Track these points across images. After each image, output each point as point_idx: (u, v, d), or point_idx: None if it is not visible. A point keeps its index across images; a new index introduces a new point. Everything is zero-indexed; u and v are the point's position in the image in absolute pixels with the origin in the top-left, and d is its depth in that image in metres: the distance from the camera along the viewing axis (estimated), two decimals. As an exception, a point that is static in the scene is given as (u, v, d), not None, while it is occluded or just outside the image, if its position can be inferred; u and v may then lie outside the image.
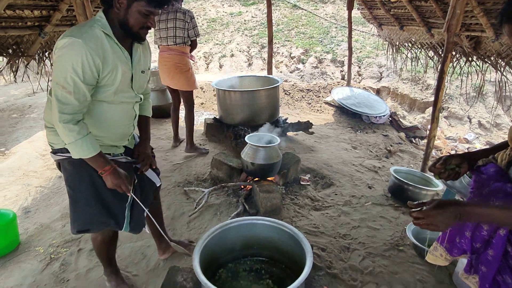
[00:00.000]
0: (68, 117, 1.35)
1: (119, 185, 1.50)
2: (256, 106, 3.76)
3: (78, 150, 1.39)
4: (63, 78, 1.32)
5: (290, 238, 1.81)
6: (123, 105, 1.55)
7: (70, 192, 1.58)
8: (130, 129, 1.67)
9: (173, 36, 3.24)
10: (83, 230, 1.63)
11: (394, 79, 7.08)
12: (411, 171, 3.11)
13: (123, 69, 1.46)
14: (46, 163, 3.63)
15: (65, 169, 1.56)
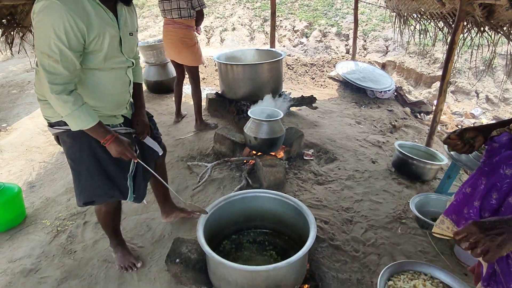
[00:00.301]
0: (59, 87, 1.28)
1: (123, 153, 1.47)
2: (258, 80, 3.68)
3: (76, 121, 1.34)
4: (47, 46, 1.23)
5: (294, 210, 1.82)
6: (115, 71, 1.49)
7: (71, 164, 1.57)
8: (126, 97, 1.61)
9: (177, 9, 3.10)
10: (89, 202, 1.64)
11: (400, 53, 6.88)
12: (416, 145, 3.07)
13: (110, 32, 1.37)
14: (48, 139, 3.62)
15: (64, 142, 1.53)
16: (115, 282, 1.86)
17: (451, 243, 2.15)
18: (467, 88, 5.85)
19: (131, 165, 1.63)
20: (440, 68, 6.31)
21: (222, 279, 1.51)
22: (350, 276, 1.90)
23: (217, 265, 1.50)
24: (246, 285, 1.45)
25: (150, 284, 1.83)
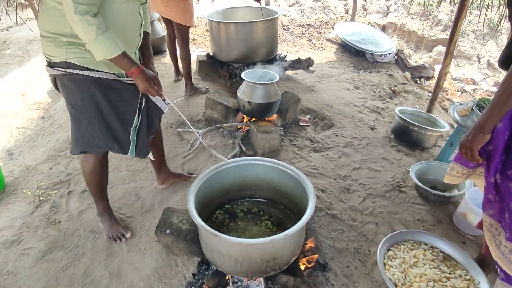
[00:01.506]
0: (83, 7, 1.20)
1: (151, 87, 1.43)
2: (252, 41, 3.41)
3: (101, 48, 1.26)
4: None
5: (291, 179, 1.71)
6: (129, 5, 1.41)
7: (71, 111, 1.49)
8: (136, 39, 1.52)
9: None
10: (85, 152, 1.58)
11: (402, 14, 6.52)
12: (417, 111, 2.94)
13: None
14: (27, 103, 3.38)
15: (65, 87, 1.43)
16: (103, 253, 1.78)
17: (450, 212, 2.11)
18: (469, 52, 5.63)
19: (135, 119, 1.57)
20: (442, 31, 6.03)
21: (215, 251, 1.43)
22: (347, 245, 1.85)
23: (209, 237, 1.41)
24: (241, 257, 1.37)
25: (140, 255, 1.76)
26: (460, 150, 1.27)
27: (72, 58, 1.36)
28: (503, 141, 1.17)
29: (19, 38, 4.74)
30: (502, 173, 1.19)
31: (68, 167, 2.43)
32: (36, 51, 4.34)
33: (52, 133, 2.89)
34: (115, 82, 1.47)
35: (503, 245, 1.19)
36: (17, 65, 4.01)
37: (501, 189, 1.20)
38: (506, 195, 1.17)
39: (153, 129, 1.76)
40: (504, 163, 1.19)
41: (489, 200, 1.25)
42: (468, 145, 1.21)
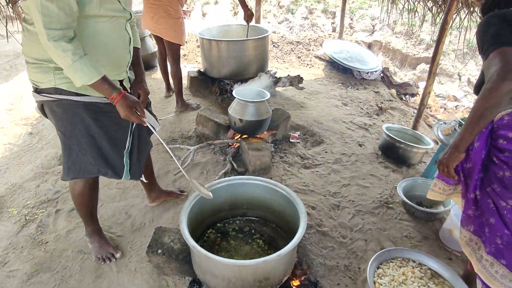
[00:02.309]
0: (57, 33, 1.15)
1: (132, 113, 1.36)
2: (243, 58, 3.49)
3: (78, 74, 1.21)
4: None
5: (283, 198, 1.73)
6: (113, 23, 1.36)
7: (62, 137, 1.45)
8: (126, 57, 1.47)
9: None
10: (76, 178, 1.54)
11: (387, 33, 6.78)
12: (403, 128, 3.04)
13: None
14: (14, 118, 3.32)
15: (54, 113, 1.39)
16: (92, 275, 1.74)
17: (437, 228, 2.17)
18: (450, 70, 5.88)
19: (127, 141, 1.54)
20: (425, 50, 6.29)
21: (207, 272, 1.43)
22: (337, 262, 1.87)
23: (203, 258, 1.41)
24: (234, 278, 1.37)
25: (130, 276, 1.73)
26: (438, 167, 1.36)
27: (61, 84, 1.32)
28: (480, 159, 1.25)
29: (6, 51, 4.69)
30: (482, 189, 1.26)
31: (56, 185, 2.39)
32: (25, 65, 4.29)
33: (40, 149, 2.85)
34: (106, 105, 1.42)
35: (484, 259, 1.24)
36: (4, 79, 3.96)
37: (481, 205, 1.26)
38: (485, 210, 1.24)
39: (148, 149, 1.76)
40: (483, 181, 1.26)
41: (469, 216, 1.32)
42: (445, 162, 1.30)
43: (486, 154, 1.26)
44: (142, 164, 1.69)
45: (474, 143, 1.27)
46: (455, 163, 1.30)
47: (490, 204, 1.22)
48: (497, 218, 1.20)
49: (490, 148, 1.26)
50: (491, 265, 1.22)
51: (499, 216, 1.19)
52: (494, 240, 1.20)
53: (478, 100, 1.14)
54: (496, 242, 1.19)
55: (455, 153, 1.27)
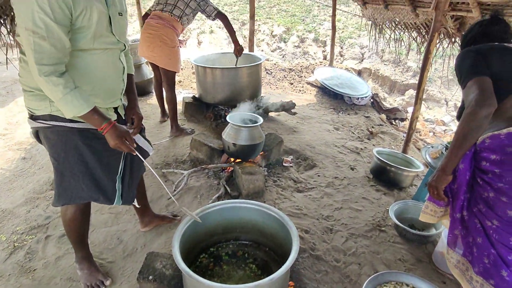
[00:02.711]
0: (48, 68, 1.18)
1: (122, 143, 1.37)
2: (237, 85, 3.60)
3: (69, 107, 1.24)
4: (31, 21, 1.13)
5: (275, 221, 1.75)
6: (107, 54, 1.39)
7: (54, 164, 1.45)
8: (120, 85, 1.51)
9: (172, 5, 2.95)
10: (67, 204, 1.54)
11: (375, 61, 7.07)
12: (393, 152, 3.11)
13: (98, 7, 1.27)
14: (7, 143, 3.32)
15: (48, 139, 1.41)
16: (80, 303, 1.70)
17: (430, 251, 2.17)
18: (437, 96, 6.10)
19: (120, 166, 1.55)
20: (412, 76, 6.54)
21: (199, 298, 1.40)
22: (331, 287, 1.85)
23: (194, 284, 1.39)
24: (226, 304, 1.35)
25: (119, 304, 1.69)
26: (428, 190, 1.41)
27: (56, 111, 1.34)
28: (465, 180, 1.30)
29: (4, 77, 4.76)
30: (469, 210, 1.30)
31: (47, 210, 2.36)
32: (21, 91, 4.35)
33: (33, 174, 2.83)
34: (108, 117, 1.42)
35: (474, 280, 1.26)
36: (0, 105, 4.00)
37: (468, 225, 1.30)
38: (473, 230, 1.27)
39: (141, 173, 1.77)
40: (470, 201, 1.30)
41: (455, 236, 1.35)
42: (434, 185, 1.36)
43: (471, 176, 1.31)
44: (134, 189, 1.69)
45: (459, 164, 1.33)
46: (443, 185, 1.35)
47: (477, 224, 1.26)
48: (484, 237, 1.23)
49: (474, 169, 1.32)
50: (481, 286, 1.23)
51: (486, 236, 1.23)
52: (482, 259, 1.22)
53: (460, 125, 1.22)
54: (484, 262, 1.21)
55: (443, 175, 1.32)
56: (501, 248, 1.19)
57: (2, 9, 2.52)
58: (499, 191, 1.21)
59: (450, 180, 1.34)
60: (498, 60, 1.28)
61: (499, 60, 1.29)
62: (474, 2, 2.77)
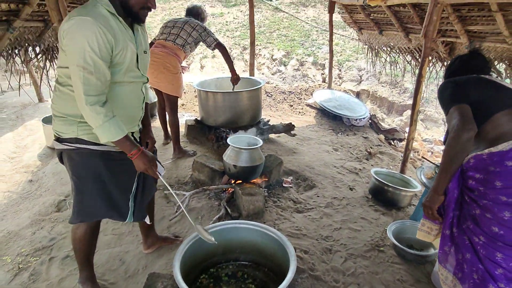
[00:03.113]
0: (94, 99, 1.36)
1: (149, 167, 1.54)
2: (238, 108, 3.72)
3: (106, 133, 1.41)
4: (82, 59, 1.32)
5: (274, 241, 1.79)
6: (132, 86, 1.58)
7: (76, 182, 1.59)
8: (139, 113, 1.68)
9: (176, 34, 3.15)
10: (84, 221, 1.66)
11: (373, 82, 7.26)
12: (391, 172, 3.17)
13: (131, 47, 1.48)
14: (15, 166, 3.42)
15: (72, 160, 1.57)
16: (82, 325, 1.72)
17: (428, 271, 2.18)
18: (434, 116, 6.21)
19: (133, 186, 1.68)
20: (410, 97, 6.69)
21: (199, 318, 1.43)
22: (331, 308, 1.86)
23: (194, 303, 1.43)
24: (225, 324, 1.38)
25: (120, 326, 1.71)
26: (423, 210, 1.48)
27: (82, 135, 1.50)
28: (453, 198, 1.38)
29: (14, 102, 4.94)
30: (458, 227, 1.36)
31: (52, 232, 2.42)
32: (30, 116, 4.52)
33: (39, 196, 2.91)
34: (118, 154, 1.58)
35: None
36: (10, 129, 4.14)
37: (458, 241, 1.35)
38: (462, 247, 1.33)
39: (153, 192, 1.89)
40: (459, 218, 1.36)
41: (445, 252, 1.40)
42: (428, 205, 1.44)
43: (459, 194, 1.38)
44: (144, 207, 1.79)
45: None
46: (437, 205, 1.43)
47: (466, 240, 1.32)
48: (472, 253, 1.28)
49: (463, 188, 1.39)
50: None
51: (474, 252, 1.28)
52: (472, 275, 1.26)
53: (446, 148, 1.32)
54: (474, 278, 1.26)
55: (435, 196, 1.42)
56: (488, 264, 1.24)
57: (17, 40, 2.69)
58: (484, 208, 1.28)
59: (443, 200, 1.41)
60: (475, 90, 1.43)
61: (476, 90, 1.43)
62: (461, 30, 2.93)
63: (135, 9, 1.44)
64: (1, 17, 2.36)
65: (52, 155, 3.68)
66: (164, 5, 11.56)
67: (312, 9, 11.41)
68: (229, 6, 11.66)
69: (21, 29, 2.61)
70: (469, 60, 1.62)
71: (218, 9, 11.59)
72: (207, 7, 11.73)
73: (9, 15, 2.41)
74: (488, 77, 1.51)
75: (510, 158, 1.23)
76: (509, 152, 1.23)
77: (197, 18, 3.39)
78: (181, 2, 11.91)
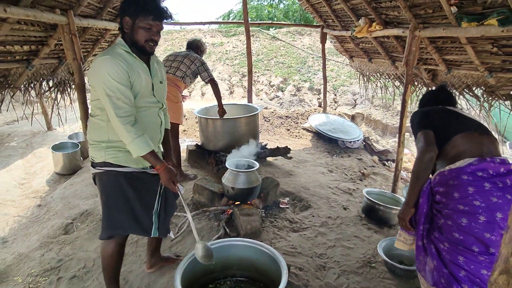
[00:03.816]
0: (124, 119, 1.60)
1: (172, 180, 1.73)
2: (236, 133, 3.94)
3: (136, 148, 1.63)
4: (108, 88, 1.58)
5: (268, 257, 1.93)
6: (150, 110, 1.80)
7: (105, 200, 1.80)
8: (158, 136, 1.90)
9: (176, 67, 3.44)
10: (111, 236, 1.84)
11: (367, 106, 7.54)
12: (382, 192, 3.32)
13: (145, 76, 1.73)
14: (25, 192, 3.60)
15: (101, 181, 1.79)
16: None
17: (417, 286, 2.28)
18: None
19: (156, 203, 1.87)
20: (403, 119, 6.93)
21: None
22: (324, 322, 1.96)
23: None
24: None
25: None
26: (399, 221, 1.69)
27: (109, 158, 1.73)
28: (423, 213, 1.56)
29: (24, 131, 5.19)
30: (428, 238, 1.53)
31: (60, 253, 2.55)
32: (40, 143, 4.75)
33: (47, 220, 3.06)
34: (140, 174, 1.81)
35: None
36: (20, 156, 4.35)
37: (428, 251, 1.51)
38: (430, 255, 1.51)
39: (174, 210, 2.07)
40: (429, 230, 1.54)
41: (420, 261, 1.56)
42: (401, 217, 1.67)
43: (428, 209, 1.56)
44: (168, 224, 2.00)
45: (419, 199, 1.59)
46: (408, 216, 1.63)
47: (433, 249, 1.49)
48: (438, 260, 1.45)
49: (432, 203, 1.57)
50: None
51: (440, 258, 1.45)
52: (440, 280, 1.41)
53: (413, 167, 1.55)
54: (442, 282, 1.40)
55: (407, 208, 1.63)
56: (453, 267, 1.39)
57: (34, 76, 2.96)
58: (446, 216, 1.46)
59: (413, 212, 1.59)
60: (438, 118, 1.70)
61: (438, 118, 1.70)
62: (439, 59, 3.19)
63: (140, 43, 1.68)
64: (22, 57, 2.62)
65: (60, 181, 3.86)
66: (167, 36, 12.15)
67: (308, 37, 11.97)
68: (229, 36, 12.25)
69: (38, 66, 2.88)
70: (437, 94, 1.94)
71: (218, 39, 12.17)
72: (208, 37, 12.32)
73: (29, 55, 2.69)
74: (451, 108, 1.81)
75: (466, 173, 1.43)
76: (465, 167, 1.44)
77: (197, 51, 3.70)
78: (183, 33, 12.52)
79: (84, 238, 2.68)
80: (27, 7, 2.01)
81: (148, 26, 1.65)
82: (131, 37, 1.69)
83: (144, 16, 1.64)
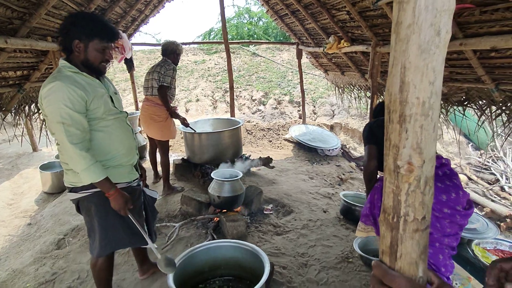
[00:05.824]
0: (79, 145, 1.59)
1: (123, 207, 1.74)
2: (220, 146, 4.16)
3: (90, 175, 1.62)
4: (59, 116, 1.57)
5: (252, 255, 2.12)
6: (119, 120, 1.84)
7: (99, 221, 1.81)
8: (133, 142, 1.94)
9: (150, 87, 3.61)
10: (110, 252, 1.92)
11: (344, 116, 7.94)
12: (357, 194, 3.59)
13: (101, 91, 1.74)
14: (14, 212, 3.65)
15: (93, 203, 1.79)
16: None
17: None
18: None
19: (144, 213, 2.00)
20: (378, 127, 7.35)
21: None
22: (306, 313, 2.15)
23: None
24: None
25: None
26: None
27: None
28: (378, 206, 1.83)
29: (9, 153, 5.21)
30: None
31: (54, 267, 2.64)
32: (25, 164, 4.79)
33: (39, 237, 3.13)
34: (128, 188, 1.86)
35: None
36: (6, 177, 4.38)
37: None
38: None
39: (156, 213, 2.22)
40: None
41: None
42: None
43: None
44: (155, 228, 2.14)
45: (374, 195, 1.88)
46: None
47: None
48: None
49: None
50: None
51: None
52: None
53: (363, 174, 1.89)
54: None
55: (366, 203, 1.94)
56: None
57: (24, 99, 3.11)
58: None
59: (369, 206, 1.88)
60: (380, 131, 2.02)
61: (381, 131, 2.01)
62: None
63: (95, 64, 1.70)
64: (14, 81, 2.79)
65: (49, 200, 3.93)
66: (149, 55, 12.37)
67: (287, 53, 12.48)
68: (210, 53, 12.60)
69: (28, 89, 3.03)
70: None
71: (200, 56, 12.49)
72: (190, 55, 12.62)
73: (21, 80, 2.85)
74: None
75: None
76: None
77: (173, 55, 3.62)
78: (165, 51, 12.79)
79: (77, 252, 2.78)
80: (24, 37, 2.21)
81: (103, 47, 1.68)
82: (84, 60, 1.68)
83: (99, 39, 1.66)
